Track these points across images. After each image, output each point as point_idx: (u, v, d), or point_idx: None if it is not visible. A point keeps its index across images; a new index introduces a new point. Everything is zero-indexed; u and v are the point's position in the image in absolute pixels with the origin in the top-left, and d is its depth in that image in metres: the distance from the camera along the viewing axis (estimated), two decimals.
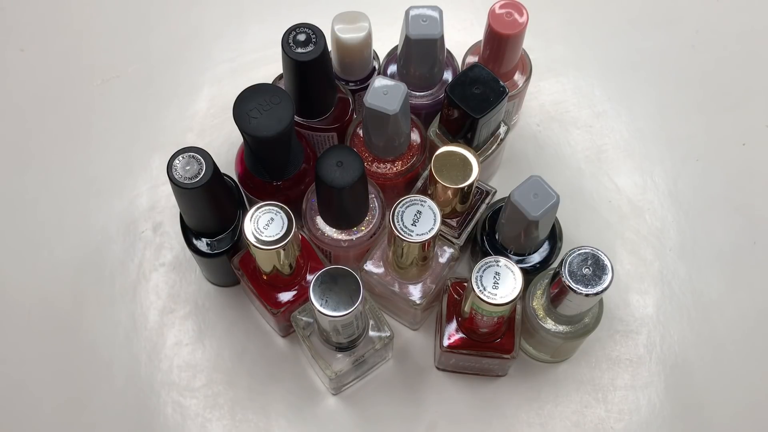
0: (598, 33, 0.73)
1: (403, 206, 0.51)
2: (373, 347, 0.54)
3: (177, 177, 0.50)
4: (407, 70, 0.59)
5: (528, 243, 0.56)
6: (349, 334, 0.52)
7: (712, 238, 0.65)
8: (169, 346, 0.61)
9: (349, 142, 0.59)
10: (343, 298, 0.49)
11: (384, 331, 0.55)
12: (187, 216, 0.55)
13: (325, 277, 0.49)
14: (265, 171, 0.56)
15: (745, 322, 0.62)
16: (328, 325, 0.50)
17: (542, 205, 0.52)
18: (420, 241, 0.50)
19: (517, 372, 0.60)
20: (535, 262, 0.57)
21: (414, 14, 0.55)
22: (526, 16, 0.56)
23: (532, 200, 0.52)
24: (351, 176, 0.51)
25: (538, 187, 0.52)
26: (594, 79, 0.59)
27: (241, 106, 0.52)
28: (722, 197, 0.66)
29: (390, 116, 0.53)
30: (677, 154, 0.67)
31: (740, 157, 0.68)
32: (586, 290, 0.49)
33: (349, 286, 0.49)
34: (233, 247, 0.56)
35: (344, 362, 0.54)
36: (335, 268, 0.49)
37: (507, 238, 0.56)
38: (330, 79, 0.58)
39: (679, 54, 0.72)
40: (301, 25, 0.54)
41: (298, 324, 0.54)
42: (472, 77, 0.55)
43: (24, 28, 0.74)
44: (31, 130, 0.69)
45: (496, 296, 0.49)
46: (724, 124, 0.69)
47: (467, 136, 0.57)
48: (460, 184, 0.53)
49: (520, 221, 0.53)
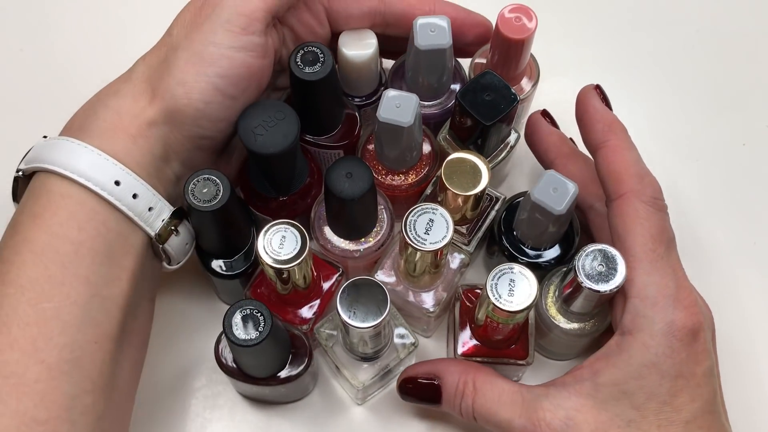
0: (598, 33, 0.73)
1: (415, 215, 0.51)
2: (398, 356, 0.54)
3: (195, 201, 0.49)
4: (415, 80, 0.58)
5: (550, 237, 0.56)
6: (376, 344, 0.52)
7: (712, 238, 0.65)
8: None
9: (360, 153, 0.59)
10: (370, 308, 0.48)
11: (408, 338, 0.54)
12: (205, 238, 0.54)
13: (350, 289, 0.49)
14: (270, 186, 0.56)
15: (745, 322, 0.62)
16: (357, 336, 0.50)
17: (564, 198, 0.51)
18: (435, 249, 0.50)
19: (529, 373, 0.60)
20: (552, 257, 0.57)
21: (422, 23, 0.55)
22: (535, 22, 0.55)
23: (553, 195, 0.51)
24: (360, 187, 0.51)
25: (555, 181, 0.52)
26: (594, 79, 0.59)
27: (246, 123, 0.51)
28: (722, 197, 0.66)
29: (405, 129, 0.53)
30: (677, 154, 0.68)
31: (740, 157, 0.68)
32: (602, 287, 0.49)
33: (376, 296, 0.49)
34: (252, 266, 0.56)
35: (370, 372, 0.54)
36: (359, 278, 0.49)
37: (527, 235, 0.56)
38: (338, 97, 0.57)
39: (679, 54, 0.72)
40: (309, 44, 0.53)
41: (321, 336, 0.54)
42: (484, 84, 0.54)
43: (24, 28, 0.73)
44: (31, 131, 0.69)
45: (512, 303, 0.49)
46: (724, 124, 0.69)
47: (477, 142, 0.56)
48: (471, 192, 0.53)
49: (544, 218, 0.53)
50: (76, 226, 0.47)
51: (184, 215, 0.52)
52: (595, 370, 0.49)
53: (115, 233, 0.48)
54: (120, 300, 0.48)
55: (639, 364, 0.48)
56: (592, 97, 0.54)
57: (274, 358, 0.53)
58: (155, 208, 0.50)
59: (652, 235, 0.49)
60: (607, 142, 0.51)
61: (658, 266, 0.49)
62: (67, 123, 0.52)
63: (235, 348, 0.50)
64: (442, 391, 0.53)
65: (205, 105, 0.50)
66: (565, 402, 0.49)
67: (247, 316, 0.48)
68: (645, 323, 0.48)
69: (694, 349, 0.48)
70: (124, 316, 0.48)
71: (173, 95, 0.50)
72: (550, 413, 0.49)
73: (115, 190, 0.48)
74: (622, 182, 0.50)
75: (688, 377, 0.48)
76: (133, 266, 0.49)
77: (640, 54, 0.72)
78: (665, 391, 0.47)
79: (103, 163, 0.48)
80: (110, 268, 0.47)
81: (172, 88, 0.50)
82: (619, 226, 0.50)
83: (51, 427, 0.44)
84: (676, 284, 0.49)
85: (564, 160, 0.57)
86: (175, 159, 0.52)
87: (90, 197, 0.47)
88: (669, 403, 0.48)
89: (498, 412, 0.51)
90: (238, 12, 0.50)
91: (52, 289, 0.45)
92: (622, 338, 0.49)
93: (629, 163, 0.51)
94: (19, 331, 0.44)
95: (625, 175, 0.50)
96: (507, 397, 0.51)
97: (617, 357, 0.48)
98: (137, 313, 0.51)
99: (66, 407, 0.44)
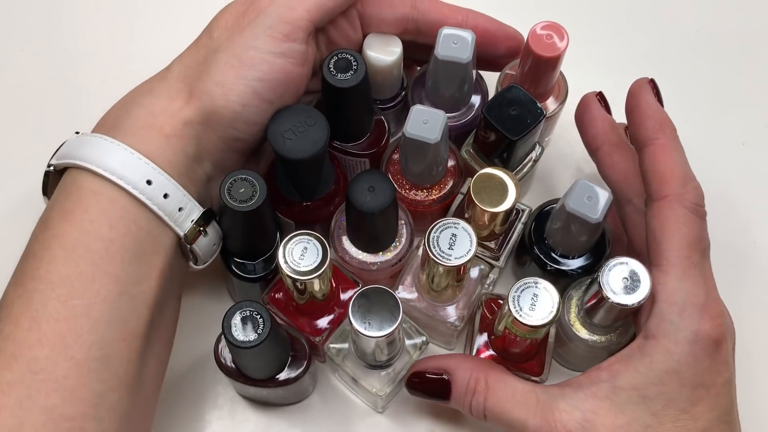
0: (598, 33, 0.73)
1: (438, 230, 0.51)
2: (411, 358, 0.55)
3: (231, 201, 0.49)
4: (435, 90, 0.58)
5: (584, 246, 0.56)
6: (392, 350, 0.52)
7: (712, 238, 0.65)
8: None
9: (385, 168, 0.59)
10: (384, 316, 0.49)
11: (418, 337, 0.55)
12: (233, 239, 0.54)
13: (360, 300, 0.49)
14: (295, 190, 0.56)
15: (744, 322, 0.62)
16: (374, 346, 0.50)
17: (599, 205, 0.51)
18: (459, 265, 0.50)
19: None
20: (582, 265, 0.57)
21: (446, 33, 0.54)
22: (566, 41, 0.55)
23: (588, 203, 0.51)
24: (382, 202, 0.51)
25: (587, 189, 0.52)
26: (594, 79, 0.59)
27: (276, 126, 0.51)
28: (722, 197, 0.66)
29: (431, 145, 0.52)
30: None
31: (740, 157, 0.68)
32: (626, 300, 0.49)
33: (387, 303, 0.49)
34: (273, 271, 0.56)
35: (387, 378, 0.54)
36: (367, 288, 0.49)
37: (560, 244, 0.56)
38: (368, 105, 0.57)
39: (679, 54, 0.72)
40: (342, 50, 0.53)
41: (332, 353, 0.54)
42: (509, 98, 0.54)
43: (24, 28, 0.73)
44: (31, 131, 0.69)
45: (532, 318, 0.49)
46: (723, 124, 0.69)
47: (503, 156, 0.56)
48: (500, 208, 0.53)
49: (580, 227, 0.53)
50: (107, 224, 0.47)
51: (213, 216, 0.52)
52: (614, 373, 0.48)
53: (145, 232, 0.48)
54: (148, 298, 0.48)
55: (660, 370, 0.47)
56: (646, 91, 0.52)
57: (273, 360, 0.53)
58: (185, 208, 0.50)
59: (689, 242, 0.49)
60: (656, 140, 0.50)
61: (690, 274, 0.48)
62: (100, 120, 0.52)
63: (233, 349, 0.50)
64: (452, 387, 0.52)
65: (242, 107, 0.50)
66: (582, 404, 0.48)
67: (247, 317, 0.48)
68: (670, 329, 0.47)
69: (716, 360, 0.48)
70: (151, 315, 0.48)
71: (211, 96, 0.50)
72: (567, 414, 0.48)
73: (147, 190, 0.48)
74: (666, 184, 0.49)
75: (708, 387, 0.48)
76: (162, 265, 0.49)
77: (639, 54, 0.72)
78: (684, 398, 0.47)
79: (136, 162, 0.48)
80: (140, 266, 0.48)
81: (210, 89, 0.50)
82: (656, 228, 0.49)
83: (78, 424, 0.44)
84: (705, 294, 0.48)
85: (610, 149, 0.55)
86: (207, 159, 0.52)
87: (121, 195, 0.47)
88: (687, 411, 0.47)
89: (511, 411, 0.50)
90: (282, 19, 0.50)
91: (83, 286, 0.45)
92: (645, 342, 0.48)
93: (676, 164, 0.50)
94: (49, 328, 0.44)
95: (670, 177, 0.50)
96: (521, 396, 0.50)
97: (639, 361, 0.48)
98: (164, 311, 0.51)
99: (93, 404, 0.44)
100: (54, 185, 0.50)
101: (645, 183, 0.51)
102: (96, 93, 0.70)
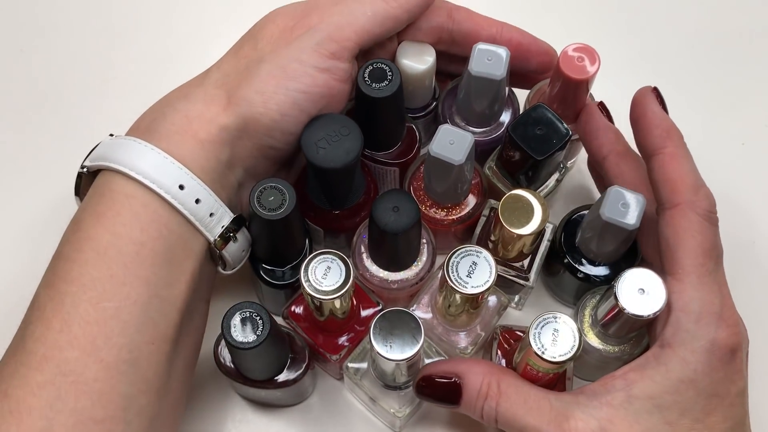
0: (598, 33, 0.73)
1: (458, 257, 0.50)
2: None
3: (260, 209, 0.50)
4: (466, 104, 0.58)
5: (619, 252, 0.56)
6: (412, 372, 0.52)
7: None
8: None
9: (409, 180, 0.58)
10: (405, 338, 0.49)
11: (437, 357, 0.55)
12: (261, 246, 0.54)
13: (382, 322, 0.49)
14: (325, 198, 0.56)
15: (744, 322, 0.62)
16: (394, 368, 0.50)
17: (634, 211, 0.51)
18: (475, 293, 0.50)
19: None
20: (606, 274, 0.57)
21: (481, 49, 0.54)
22: (597, 65, 0.54)
23: (622, 210, 0.51)
24: (405, 223, 0.51)
25: (620, 196, 0.52)
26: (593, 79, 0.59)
27: (310, 134, 0.52)
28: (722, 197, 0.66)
29: (455, 167, 0.52)
30: None
31: (740, 157, 0.68)
32: (641, 311, 0.49)
33: (408, 325, 0.49)
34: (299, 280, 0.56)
35: (405, 399, 0.54)
36: (388, 311, 0.49)
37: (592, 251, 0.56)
38: (402, 115, 0.57)
39: (679, 54, 0.72)
40: (378, 60, 0.53)
41: (350, 372, 0.54)
42: (535, 117, 0.54)
43: (24, 28, 0.73)
44: (31, 131, 0.69)
45: (555, 354, 0.48)
46: (723, 124, 0.69)
47: (527, 175, 0.56)
48: (529, 230, 0.52)
49: (617, 235, 0.52)
50: (139, 227, 0.47)
51: (243, 223, 0.52)
52: (630, 381, 0.48)
53: (177, 236, 0.48)
54: (178, 302, 0.48)
55: (676, 379, 0.47)
56: (651, 100, 0.52)
57: (272, 361, 0.53)
58: (216, 214, 0.50)
59: (703, 249, 0.49)
60: (664, 149, 0.51)
61: (705, 281, 0.48)
62: (134, 124, 0.52)
63: (232, 350, 0.50)
64: (463, 391, 0.51)
65: (281, 117, 0.50)
66: (597, 412, 0.48)
67: (246, 318, 0.49)
68: (687, 338, 0.47)
69: (731, 369, 0.48)
70: (180, 319, 0.48)
71: (250, 103, 0.50)
72: (583, 422, 0.48)
73: (179, 194, 0.48)
74: (677, 192, 0.50)
75: (723, 396, 0.48)
76: (192, 269, 0.49)
77: (639, 54, 0.72)
78: (699, 408, 0.47)
79: (169, 167, 0.48)
80: (170, 270, 0.48)
81: (250, 96, 0.50)
82: (670, 236, 0.49)
83: (107, 427, 0.44)
84: (721, 302, 0.48)
85: (617, 159, 0.55)
86: (239, 166, 0.52)
87: (154, 199, 0.48)
88: (702, 420, 0.47)
89: (524, 416, 0.49)
90: (331, 38, 0.51)
91: (114, 288, 0.46)
92: (661, 350, 0.48)
93: (686, 172, 0.50)
94: (80, 330, 0.44)
95: (681, 184, 0.50)
96: (534, 403, 0.49)
97: (654, 369, 0.48)
98: (193, 315, 0.51)
99: (122, 407, 0.45)
100: (87, 186, 0.50)
101: (655, 192, 0.51)
102: (96, 93, 0.70)
